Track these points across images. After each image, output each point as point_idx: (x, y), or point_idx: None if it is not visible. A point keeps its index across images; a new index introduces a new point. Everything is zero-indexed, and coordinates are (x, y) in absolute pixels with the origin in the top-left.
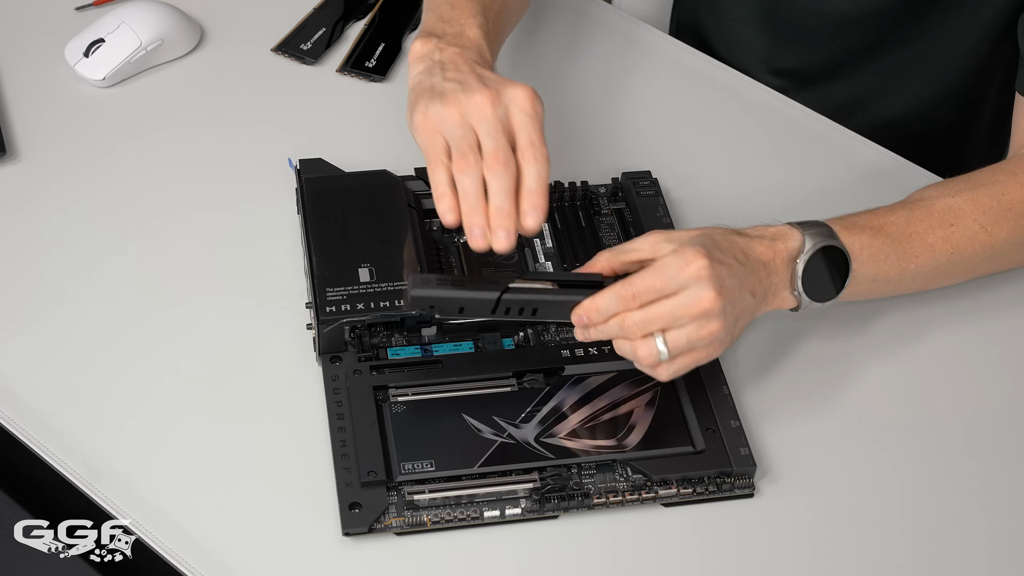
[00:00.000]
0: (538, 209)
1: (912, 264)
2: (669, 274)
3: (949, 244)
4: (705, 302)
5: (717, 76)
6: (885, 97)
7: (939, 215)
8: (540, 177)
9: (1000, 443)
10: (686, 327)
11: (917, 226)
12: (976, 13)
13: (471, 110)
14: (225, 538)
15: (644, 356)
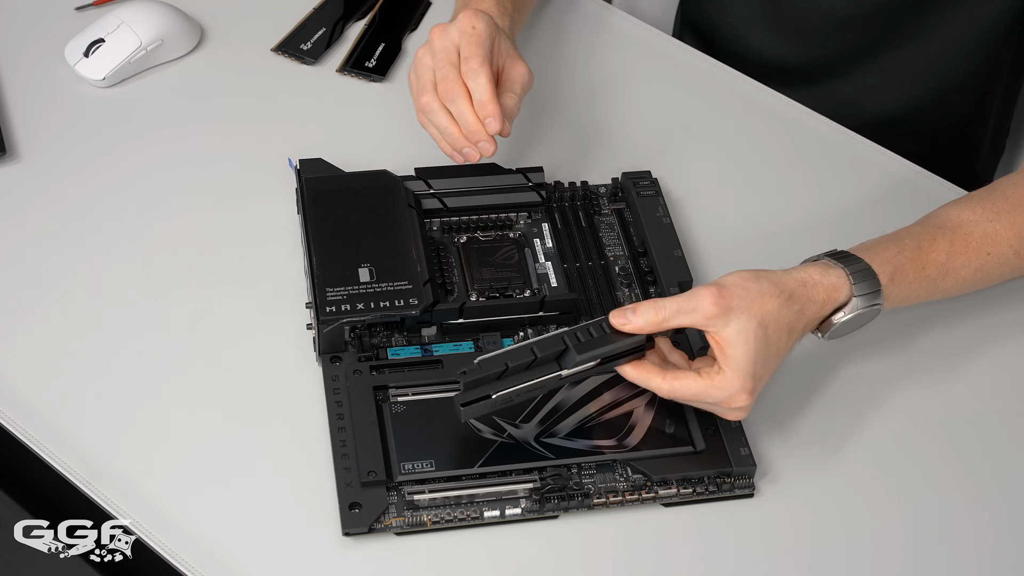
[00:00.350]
0: (492, 116)
1: (939, 294)
2: (709, 402)
3: (980, 273)
4: (735, 418)
5: (717, 76)
6: (884, 96)
7: (978, 244)
8: (482, 88)
9: (1001, 444)
10: (718, 408)
11: (956, 260)
12: (976, 14)
13: (431, 49)
14: (225, 538)
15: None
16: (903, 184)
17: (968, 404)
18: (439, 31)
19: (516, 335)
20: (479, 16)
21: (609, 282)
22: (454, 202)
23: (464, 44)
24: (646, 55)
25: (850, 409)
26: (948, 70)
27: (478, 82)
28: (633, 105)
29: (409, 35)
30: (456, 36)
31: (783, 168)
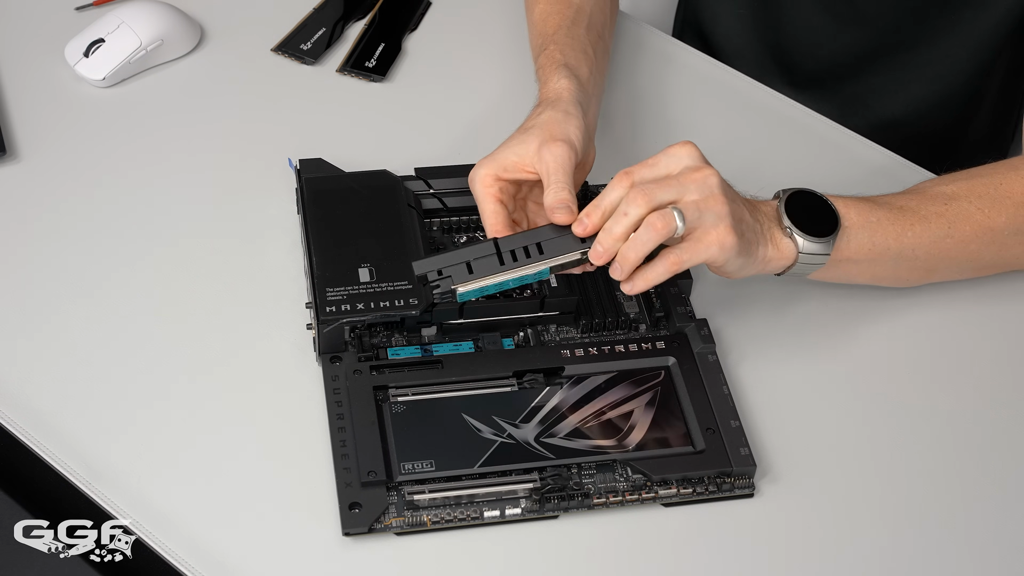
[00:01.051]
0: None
1: (908, 232)
2: (661, 153)
3: (944, 219)
4: (704, 172)
5: (718, 76)
6: (887, 98)
7: (932, 196)
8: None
9: (1002, 443)
10: (692, 196)
11: (908, 202)
12: (980, 18)
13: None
14: (225, 538)
15: (660, 225)
16: (903, 184)
17: (969, 404)
18: None
19: (516, 335)
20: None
21: (608, 282)
22: (454, 202)
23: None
24: (647, 55)
25: (850, 409)
26: (952, 73)
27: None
28: (633, 105)
29: (409, 35)
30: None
31: (783, 168)
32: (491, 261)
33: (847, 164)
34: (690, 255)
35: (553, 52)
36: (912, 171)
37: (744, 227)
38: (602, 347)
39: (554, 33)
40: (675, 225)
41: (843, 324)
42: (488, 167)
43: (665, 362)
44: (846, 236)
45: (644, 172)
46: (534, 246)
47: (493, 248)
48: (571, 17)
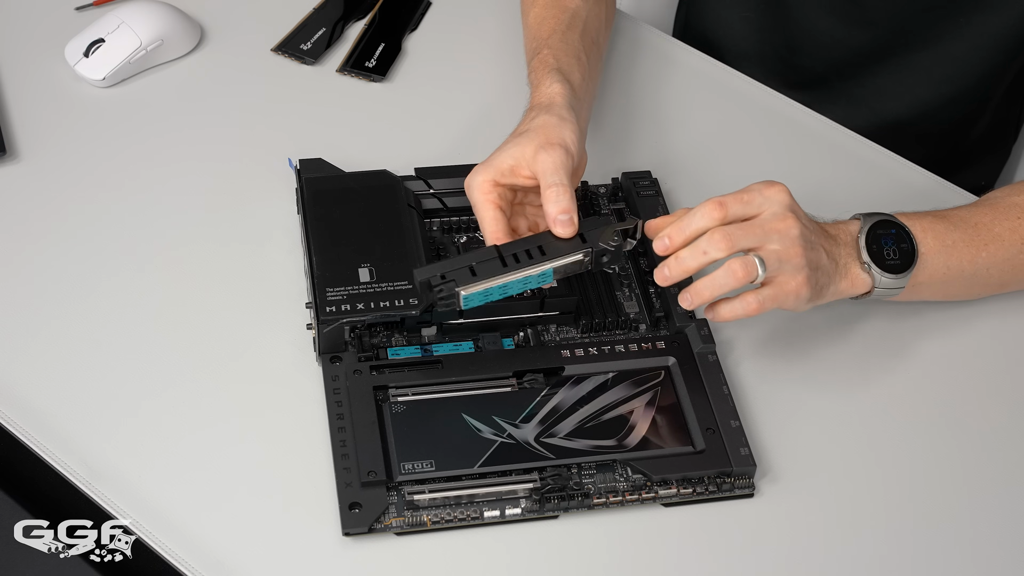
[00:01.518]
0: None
1: (983, 252)
2: (756, 190)
3: (1018, 235)
4: (789, 220)
5: (718, 76)
6: (893, 99)
7: (1004, 210)
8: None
9: (1002, 443)
10: (774, 245)
11: (981, 217)
12: (989, 21)
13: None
14: (225, 538)
15: (741, 269)
16: (905, 186)
17: (971, 405)
18: None
19: (516, 335)
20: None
21: (608, 282)
22: (454, 202)
23: None
24: (647, 55)
25: (850, 409)
26: (960, 75)
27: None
28: (633, 105)
29: (409, 35)
30: None
31: (783, 169)
32: (494, 264)
33: (848, 165)
34: (771, 302)
35: (546, 56)
36: (913, 172)
37: (819, 274)
38: (602, 347)
39: (548, 37)
40: (756, 274)
41: (843, 324)
42: (485, 173)
43: (665, 362)
44: (923, 263)
45: (736, 208)
46: (536, 248)
47: (495, 252)
48: (566, 22)
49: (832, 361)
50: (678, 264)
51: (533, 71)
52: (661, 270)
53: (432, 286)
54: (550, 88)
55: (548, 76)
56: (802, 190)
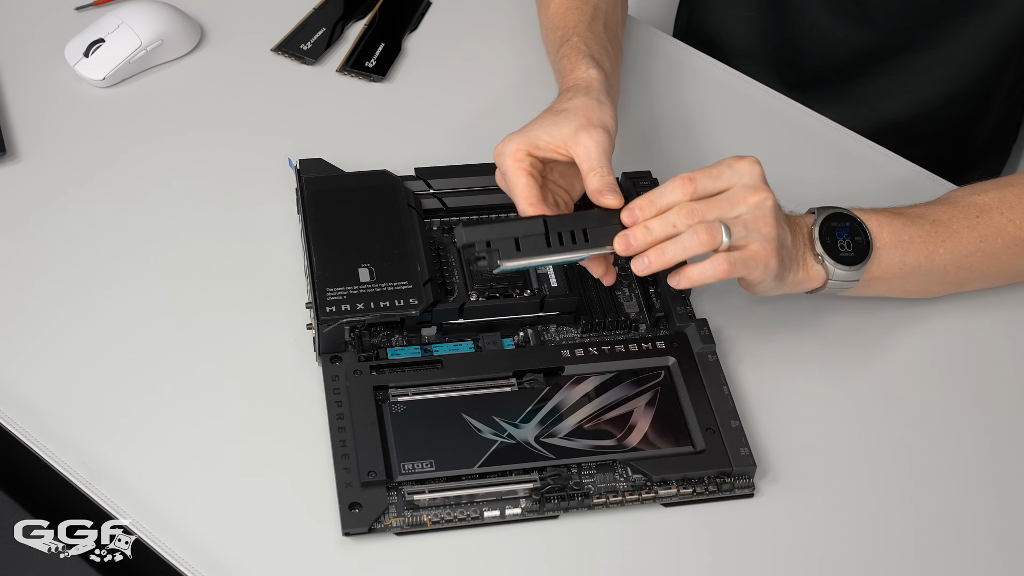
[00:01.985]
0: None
1: (940, 249)
2: (725, 164)
3: (976, 233)
4: (761, 192)
5: (718, 76)
6: (894, 99)
7: (964, 208)
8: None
9: (1002, 442)
10: (743, 216)
11: (940, 215)
12: (989, 21)
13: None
14: (225, 538)
15: (705, 236)
16: (905, 186)
17: (969, 403)
18: None
19: (516, 335)
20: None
21: None
22: (454, 202)
23: None
24: (647, 55)
25: (850, 409)
26: (959, 75)
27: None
28: (633, 105)
29: (409, 35)
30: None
31: (783, 169)
32: (539, 241)
33: (848, 165)
34: (741, 265)
35: (577, 43)
36: (913, 172)
37: (784, 252)
38: (602, 347)
39: (575, 27)
40: (720, 240)
41: (843, 324)
42: (519, 142)
43: (665, 362)
44: (877, 257)
45: (706, 183)
46: (580, 232)
47: (542, 227)
48: (590, 14)
49: (832, 361)
50: (645, 233)
51: (564, 56)
52: (626, 238)
53: (475, 251)
54: (587, 72)
55: (583, 61)
56: (802, 190)
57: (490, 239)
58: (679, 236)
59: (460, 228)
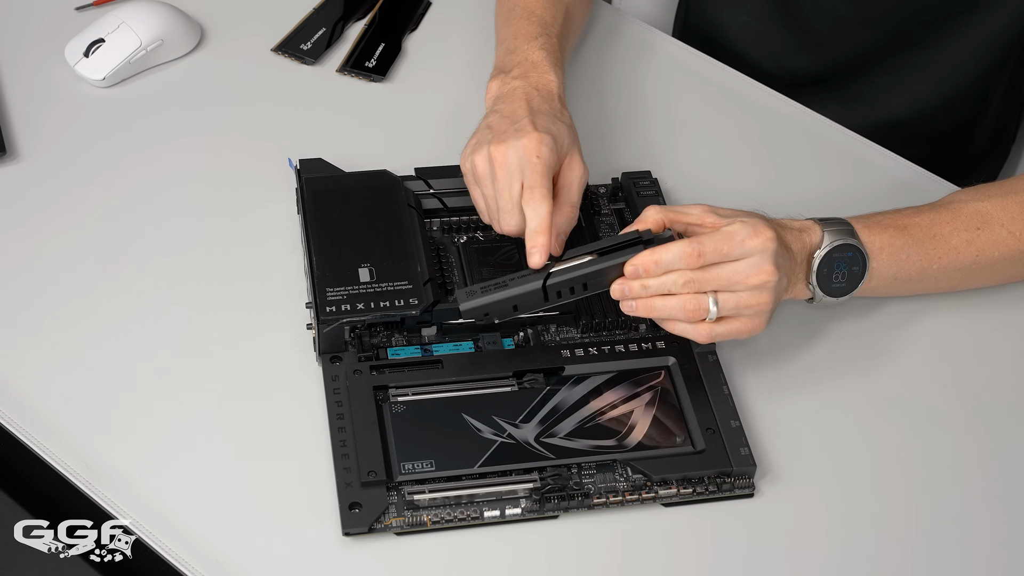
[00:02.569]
0: (538, 247)
1: (935, 264)
2: (737, 240)
3: (974, 247)
4: (765, 273)
5: (718, 76)
6: (892, 98)
7: (966, 218)
8: (536, 216)
9: (1002, 441)
10: (739, 293)
11: (942, 228)
12: (987, 20)
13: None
14: (225, 538)
15: (692, 309)
16: (905, 186)
17: (969, 403)
18: (500, 154)
19: (516, 335)
20: (543, 142)
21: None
22: (454, 202)
23: (528, 174)
24: (647, 55)
25: (850, 409)
26: (957, 75)
27: (537, 211)
28: (633, 105)
29: (409, 35)
30: (518, 166)
31: (784, 169)
32: (536, 297)
33: (848, 165)
34: (721, 337)
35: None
36: (913, 172)
37: (776, 301)
38: (602, 347)
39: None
40: (705, 315)
41: (843, 324)
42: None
43: (665, 362)
44: (870, 275)
45: (713, 257)
46: (580, 286)
47: (541, 284)
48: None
49: (832, 361)
50: (641, 290)
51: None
52: (622, 288)
53: (468, 313)
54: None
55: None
56: (801, 190)
57: (487, 309)
58: (669, 298)
59: (461, 295)
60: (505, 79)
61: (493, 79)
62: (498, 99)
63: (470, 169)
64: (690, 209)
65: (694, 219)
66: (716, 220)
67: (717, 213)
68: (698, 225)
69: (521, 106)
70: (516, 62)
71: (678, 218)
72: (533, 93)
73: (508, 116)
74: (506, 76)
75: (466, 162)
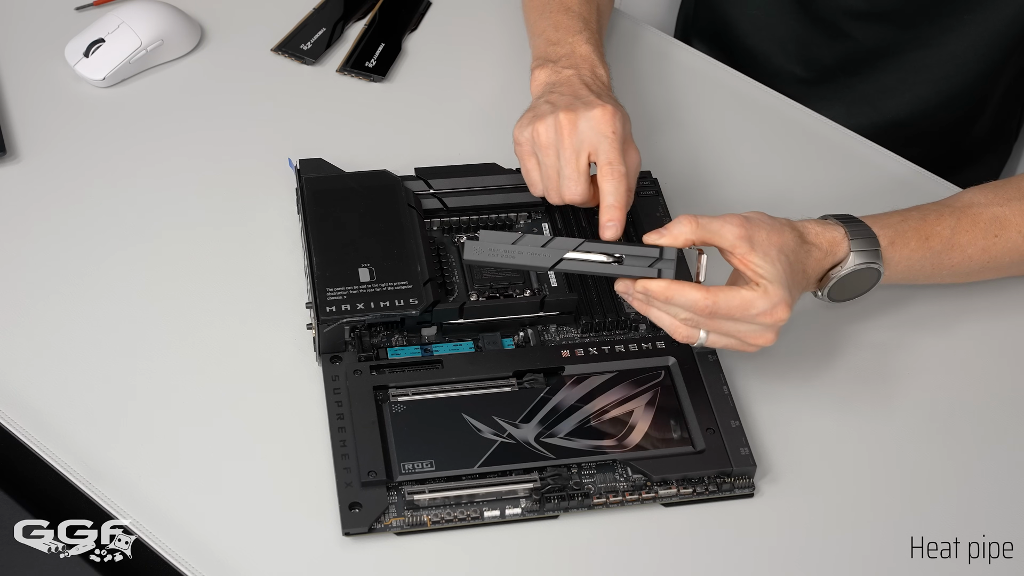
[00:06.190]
0: (615, 221)
1: (945, 270)
2: (752, 313)
3: (989, 255)
4: (765, 340)
5: (718, 76)
6: (895, 97)
7: (985, 226)
8: (616, 192)
9: (1002, 441)
10: (734, 339)
11: (961, 237)
12: (989, 19)
13: (558, 144)
14: (225, 538)
15: (683, 335)
16: (905, 186)
17: (970, 403)
18: (569, 122)
19: (516, 335)
20: (617, 116)
21: (609, 283)
22: (454, 202)
23: (604, 149)
24: (647, 55)
25: (850, 409)
26: (959, 73)
27: (617, 187)
28: (633, 105)
29: (409, 35)
30: (590, 137)
31: (784, 169)
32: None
33: (848, 165)
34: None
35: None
36: (915, 172)
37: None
38: (602, 347)
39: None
40: (693, 342)
41: (843, 324)
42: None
43: (665, 362)
44: (880, 282)
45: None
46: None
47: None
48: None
49: (832, 362)
50: (643, 306)
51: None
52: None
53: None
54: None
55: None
56: (802, 190)
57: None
58: (664, 316)
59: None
60: (555, 68)
61: (540, 68)
62: (552, 85)
63: (530, 137)
64: (724, 231)
65: (726, 244)
66: (745, 254)
67: (751, 243)
68: (728, 252)
69: (582, 88)
70: (563, 53)
71: (710, 239)
72: (590, 81)
73: (569, 94)
74: (555, 66)
75: (525, 131)
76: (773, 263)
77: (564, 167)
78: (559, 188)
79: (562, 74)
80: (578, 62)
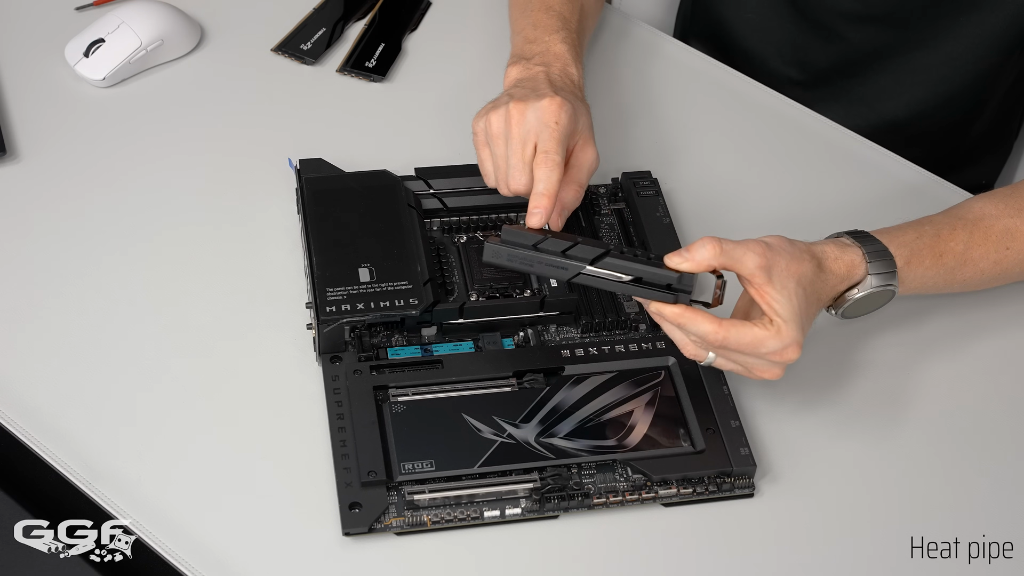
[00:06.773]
0: (541, 209)
1: (957, 283)
2: (762, 351)
3: (1000, 267)
4: (773, 376)
5: (718, 76)
6: (893, 98)
7: (997, 239)
8: (547, 180)
9: (1002, 443)
10: (740, 367)
11: (974, 252)
12: (986, 20)
13: (507, 134)
14: (225, 538)
15: (691, 353)
16: (905, 186)
17: (970, 404)
18: (518, 112)
19: (516, 335)
20: (564, 108)
21: None
22: (454, 202)
23: (544, 138)
24: (647, 55)
25: (850, 409)
26: (957, 75)
27: (548, 176)
28: (633, 105)
29: (409, 35)
30: (535, 127)
31: (784, 169)
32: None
33: (848, 165)
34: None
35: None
36: (915, 172)
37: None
38: (602, 347)
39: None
40: (700, 360)
41: (843, 324)
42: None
43: (665, 362)
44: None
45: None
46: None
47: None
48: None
49: (833, 362)
50: (656, 318)
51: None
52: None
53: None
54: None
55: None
56: (802, 190)
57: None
58: (672, 330)
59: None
60: (527, 65)
61: (512, 65)
62: (519, 80)
63: (483, 128)
64: (745, 260)
65: (745, 272)
66: (762, 284)
67: (769, 273)
68: (746, 280)
69: (544, 84)
70: (537, 51)
71: (730, 265)
72: (557, 78)
73: (529, 88)
74: (528, 63)
75: (479, 121)
76: (789, 298)
77: (511, 157)
78: (506, 178)
79: (532, 71)
80: (550, 60)
